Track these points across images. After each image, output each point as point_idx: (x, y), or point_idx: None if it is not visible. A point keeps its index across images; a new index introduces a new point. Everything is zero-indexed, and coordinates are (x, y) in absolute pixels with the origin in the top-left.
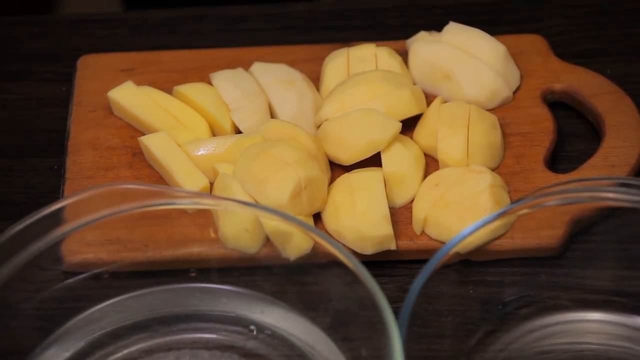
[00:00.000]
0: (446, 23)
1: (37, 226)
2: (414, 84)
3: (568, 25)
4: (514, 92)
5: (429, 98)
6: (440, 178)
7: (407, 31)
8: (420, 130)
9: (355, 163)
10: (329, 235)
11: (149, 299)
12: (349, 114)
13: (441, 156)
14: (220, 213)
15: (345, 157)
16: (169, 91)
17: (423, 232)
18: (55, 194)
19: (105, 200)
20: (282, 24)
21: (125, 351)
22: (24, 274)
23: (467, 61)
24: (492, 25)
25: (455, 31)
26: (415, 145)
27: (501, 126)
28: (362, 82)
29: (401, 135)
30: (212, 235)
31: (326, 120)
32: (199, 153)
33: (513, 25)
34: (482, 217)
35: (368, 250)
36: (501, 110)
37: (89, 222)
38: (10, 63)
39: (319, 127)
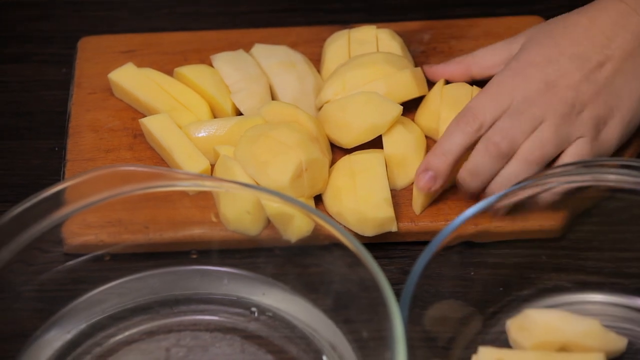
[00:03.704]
0: (445, 5)
1: (38, 208)
2: (415, 67)
3: (567, 7)
4: None
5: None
6: None
7: (407, 13)
8: (422, 112)
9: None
10: (330, 217)
11: (150, 281)
12: (350, 97)
13: None
14: (221, 195)
15: (346, 140)
16: (169, 73)
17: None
18: (56, 176)
19: (106, 182)
20: (283, 6)
21: (127, 333)
22: (24, 256)
23: None
24: (491, 6)
25: None
26: (417, 127)
27: None
28: (363, 64)
29: (402, 117)
30: (213, 217)
31: (327, 102)
32: (200, 135)
33: (511, 6)
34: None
35: (369, 232)
36: None
37: (89, 204)
38: (10, 45)
39: (320, 109)
